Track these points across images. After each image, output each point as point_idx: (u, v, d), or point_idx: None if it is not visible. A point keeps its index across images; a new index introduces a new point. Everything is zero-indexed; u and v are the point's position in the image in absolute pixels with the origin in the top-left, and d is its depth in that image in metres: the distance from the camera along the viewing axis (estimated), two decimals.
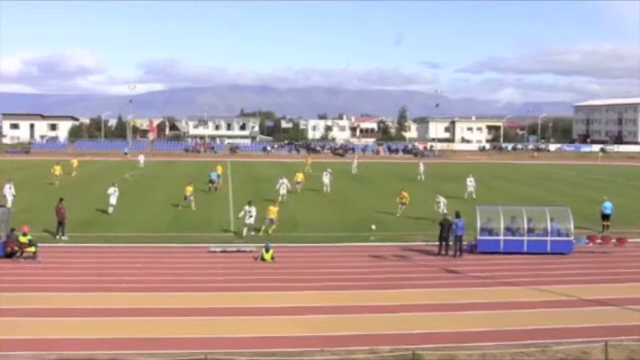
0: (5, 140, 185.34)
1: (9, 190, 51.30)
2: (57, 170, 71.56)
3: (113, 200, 49.87)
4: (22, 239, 34.80)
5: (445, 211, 44.19)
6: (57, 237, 40.36)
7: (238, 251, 37.09)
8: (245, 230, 41.28)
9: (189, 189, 53.23)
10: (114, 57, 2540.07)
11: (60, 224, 40.78)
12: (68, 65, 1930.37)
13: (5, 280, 30.24)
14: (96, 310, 25.51)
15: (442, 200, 48.14)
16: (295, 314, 25.48)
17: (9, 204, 48.27)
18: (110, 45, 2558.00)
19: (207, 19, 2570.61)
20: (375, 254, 36.86)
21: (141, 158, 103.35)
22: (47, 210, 45.18)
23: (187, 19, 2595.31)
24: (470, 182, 62.68)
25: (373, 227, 43.29)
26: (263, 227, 42.81)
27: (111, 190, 50.30)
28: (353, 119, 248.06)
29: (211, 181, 65.57)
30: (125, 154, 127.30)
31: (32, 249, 34.71)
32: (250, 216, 41.53)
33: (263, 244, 35.74)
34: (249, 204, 42.49)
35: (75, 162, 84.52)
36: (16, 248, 34.72)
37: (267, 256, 34.56)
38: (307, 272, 32.96)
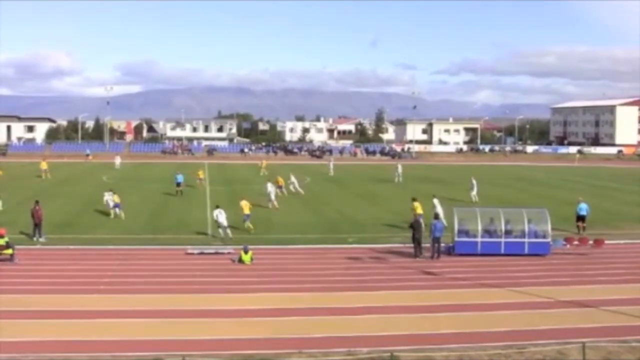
0: None
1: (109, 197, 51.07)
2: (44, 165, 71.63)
3: (111, 204, 49.48)
4: None
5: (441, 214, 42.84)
6: (34, 239, 40.09)
7: (216, 253, 36.98)
8: (221, 232, 40.97)
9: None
10: (90, 58, 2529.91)
11: (37, 225, 40.50)
12: (44, 66, 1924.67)
13: None
14: (73, 312, 25.38)
15: (437, 204, 45.47)
16: (272, 316, 25.40)
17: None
18: (87, 47, 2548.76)
19: (183, 21, 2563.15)
20: (353, 256, 36.79)
21: (117, 160, 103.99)
22: (23, 213, 44.91)
23: (163, 20, 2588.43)
24: (473, 185, 61.66)
25: (350, 240, 42.43)
26: (246, 226, 43.56)
27: (107, 195, 50.35)
28: (330, 120, 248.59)
29: (177, 184, 64.41)
30: (87, 155, 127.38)
31: (9, 251, 34.47)
32: (219, 219, 41.09)
33: (242, 246, 35.61)
34: (216, 207, 42.38)
35: (44, 164, 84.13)
36: None
37: (246, 258, 34.46)
38: (285, 273, 32.79)
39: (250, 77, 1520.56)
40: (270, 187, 56.32)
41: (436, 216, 39.07)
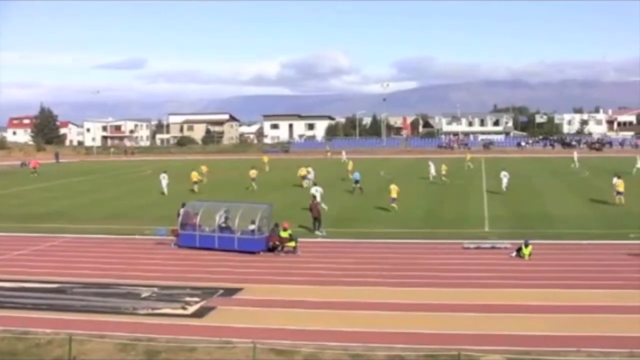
0: (266, 140, 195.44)
1: (164, 180, 64.93)
2: (204, 168, 77.59)
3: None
4: (283, 234, 36.49)
5: None
6: (316, 232, 41.78)
7: (492, 247, 36.73)
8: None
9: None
10: (367, 56, 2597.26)
11: (316, 219, 42.22)
12: (323, 66, 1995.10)
13: (268, 273, 31.96)
14: (347, 304, 26.26)
15: None
16: (549, 312, 24.83)
17: (164, 191, 63.81)
18: (364, 46, 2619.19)
19: (459, 16, 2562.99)
20: (635, 252, 34.70)
21: (343, 154, 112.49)
22: (303, 208, 46.77)
23: (437, 17, 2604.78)
24: None
25: (632, 235, 40.17)
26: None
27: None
28: (610, 112, 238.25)
29: (356, 181, 64.37)
30: (327, 152, 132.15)
31: (292, 243, 36.31)
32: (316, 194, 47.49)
33: (522, 240, 34.95)
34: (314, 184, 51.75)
35: (265, 158, 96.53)
36: (277, 243, 36.46)
37: (526, 252, 33.91)
38: (562, 269, 31.73)
39: (526, 70, 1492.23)
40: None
41: None
